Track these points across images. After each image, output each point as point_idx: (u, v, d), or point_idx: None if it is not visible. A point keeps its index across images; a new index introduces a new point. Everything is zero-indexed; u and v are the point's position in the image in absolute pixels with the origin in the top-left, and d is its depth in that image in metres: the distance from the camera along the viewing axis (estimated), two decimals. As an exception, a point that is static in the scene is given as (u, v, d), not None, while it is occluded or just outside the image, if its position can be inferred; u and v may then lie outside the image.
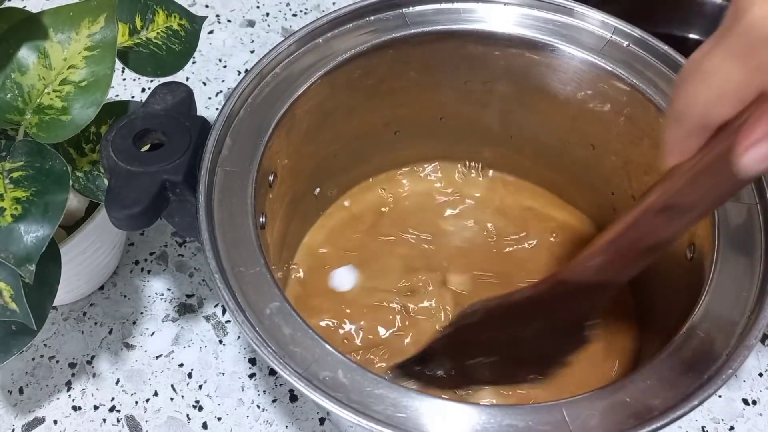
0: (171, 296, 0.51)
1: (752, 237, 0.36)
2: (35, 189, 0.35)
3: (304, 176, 0.45)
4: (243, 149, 0.38)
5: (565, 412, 0.31)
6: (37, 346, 0.49)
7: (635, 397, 0.31)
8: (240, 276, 0.34)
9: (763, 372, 0.49)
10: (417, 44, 0.43)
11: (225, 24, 0.66)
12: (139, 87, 0.62)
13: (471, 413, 0.31)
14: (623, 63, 0.41)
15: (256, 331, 0.32)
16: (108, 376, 0.48)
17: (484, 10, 0.43)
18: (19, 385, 0.47)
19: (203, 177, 0.36)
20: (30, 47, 0.38)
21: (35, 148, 0.37)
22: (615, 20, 0.42)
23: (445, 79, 0.46)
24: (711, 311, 0.34)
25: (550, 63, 0.43)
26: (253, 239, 0.35)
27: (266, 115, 0.39)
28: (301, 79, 0.41)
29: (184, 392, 0.47)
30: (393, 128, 0.49)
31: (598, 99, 0.43)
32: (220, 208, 0.36)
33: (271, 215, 0.41)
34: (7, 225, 0.34)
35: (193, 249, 0.53)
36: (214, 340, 0.49)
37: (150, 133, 0.37)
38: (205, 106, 0.61)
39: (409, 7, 0.43)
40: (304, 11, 0.68)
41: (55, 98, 0.38)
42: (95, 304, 0.51)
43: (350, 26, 0.42)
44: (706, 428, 0.47)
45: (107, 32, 0.38)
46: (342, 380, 0.31)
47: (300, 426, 0.46)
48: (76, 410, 0.47)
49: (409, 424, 0.30)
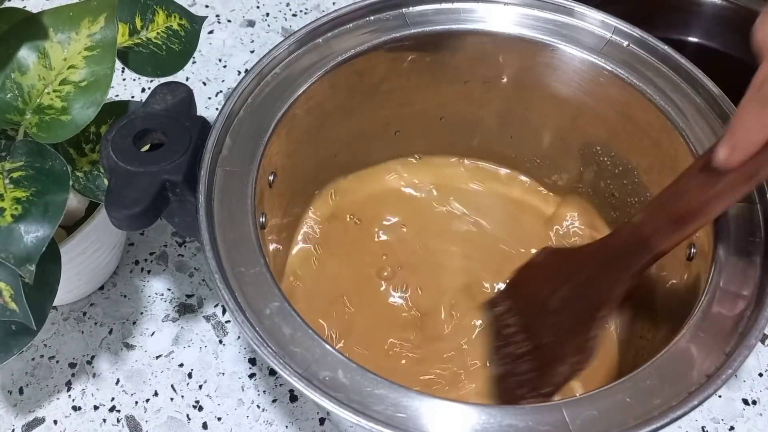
0: (171, 296, 0.51)
1: (752, 237, 0.36)
2: (35, 189, 0.35)
3: (304, 176, 0.45)
4: (243, 149, 0.38)
5: (565, 412, 0.31)
6: (37, 346, 0.49)
7: (635, 397, 0.31)
8: (240, 276, 0.34)
9: (763, 372, 0.49)
10: (417, 44, 0.43)
11: (225, 24, 0.66)
12: (139, 87, 0.62)
13: (471, 413, 0.31)
14: (623, 63, 0.41)
15: (256, 331, 0.32)
16: (108, 376, 0.48)
17: (484, 10, 0.43)
18: (19, 385, 0.47)
19: (203, 177, 0.36)
20: (30, 47, 0.38)
21: (35, 148, 0.37)
22: (615, 20, 0.42)
23: (445, 79, 0.46)
24: (711, 311, 0.34)
25: (550, 63, 0.43)
26: (253, 239, 0.35)
27: (266, 115, 0.39)
28: (301, 79, 0.41)
29: (184, 392, 0.47)
30: (393, 128, 0.49)
31: (598, 99, 0.43)
32: (220, 208, 0.36)
33: (271, 215, 0.41)
34: (7, 225, 0.34)
35: (193, 249, 0.53)
36: (214, 340, 0.49)
37: (150, 133, 0.37)
38: (205, 106, 0.61)
39: (409, 7, 0.43)
40: (304, 11, 0.68)
41: (55, 98, 0.38)
42: (95, 304, 0.51)
43: (350, 26, 0.42)
44: (706, 428, 0.47)
45: (107, 32, 0.38)
46: (342, 380, 0.31)
47: (300, 426, 0.46)
48: (76, 410, 0.47)
49: (409, 424, 0.30)
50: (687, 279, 0.39)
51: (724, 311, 0.34)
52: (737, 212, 0.36)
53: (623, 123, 0.43)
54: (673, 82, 0.41)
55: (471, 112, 0.48)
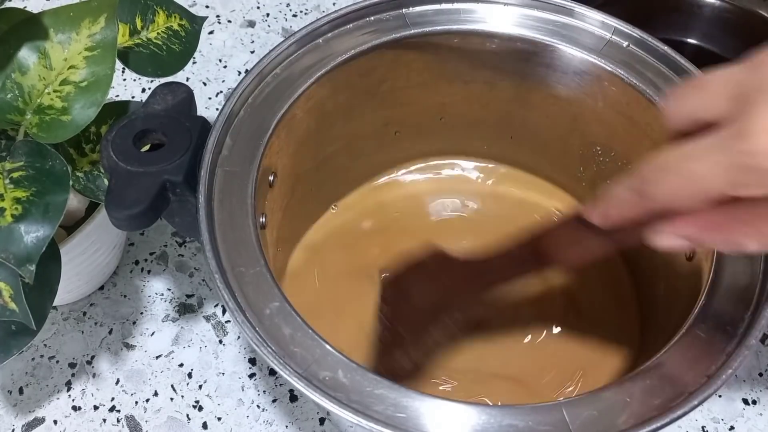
0: (171, 296, 0.51)
1: (752, 237, 0.36)
2: (35, 189, 0.35)
3: (304, 176, 0.45)
4: (243, 149, 0.38)
5: (565, 412, 0.31)
6: (37, 346, 0.49)
7: (635, 397, 0.31)
8: (240, 276, 0.34)
9: (763, 372, 0.49)
10: (417, 44, 0.43)
11: (225, 24, 0.67)
12: (139, 87, 0.62)
13: (471, 413, 0.31)
14: (623, 63, 0.41)
15: (256, 331, 0.32)
16: (108, 376, 0.48)
17: (484, 10, 0.43)
18: (19, 385, 0.47)
19: (203, 177, 0.36)
20: (30, 47, 0.38)
21: (35, 148, 0.37)
22: (615, 21, 0.42)
23: (445, 79, 0.46)
24: (711, 311, 0.34)
25: (550, 63, 0.43)
26: (253, 239, 0.35)
27: (266, 115, 0.39)
28: (301, 80, 0.41)
29: (184, 392, 0.47)
30: (393, 128, 0.49)
31: (598, 99, 0.43)
32: (220, 208, 0.36)
33: (271, 215, 0.41)
34: (7, 225, 0.34)
35: (193, 249, 0.53)
36: (214, 340, 0.49)
37: (150, 133, 0.37)
38: (205, 107, 0.61)
39: (409, 7, 0.43)
40: (304, 11, 0.68)
41: (55, 98, 0.38)
42: (95, 304, 0.51)
43: (350, 26, 0.42)
44: (706, 428, 0.47)
45: (107, 32, 0.38)
46: (342, 380, 0.31)
47: (300, 426, 0.46)
48: (76, 410, 0.47)
49: (409, 424, 0.30)
50: (687, 278, 0.39)
51: (724, 311, 0.34)
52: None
53: (623, 123, 0.43)
54: (673, 82, 0.41)
55: (471, 112, 0.48)
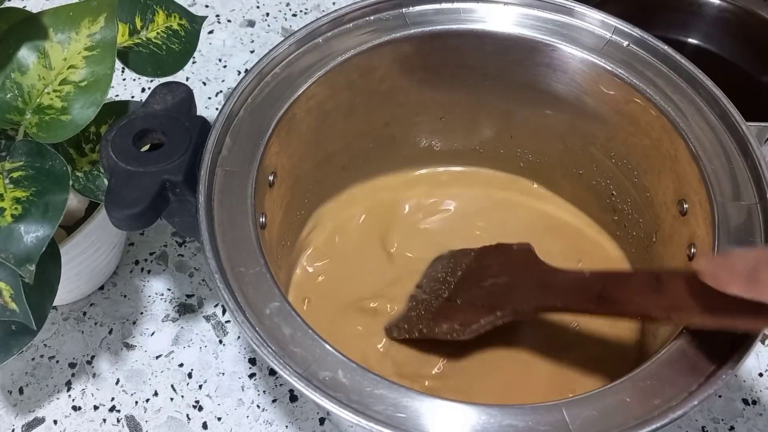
0: (171, 296, 0.51)
1: (752, 237, 0.36)
2: (35, 189, 0.35)
3: (304, 176, 0.45)
4: (243, 149, 0.38)
5: (565, 412, 0.31)
6: (37, 346, 0.49)
7: (635, 397, 0.31)
8: (240, 276, 0.34)
9: (763, 372, 0.49)
10: (417, 44, 0.43)
11: (225, 24, 0.67)
12: (139, 87, 0.62)
13: (471, 413, 0.31)
14: (623, 63, 0.41)
15: (256, 331, 0.32)
16: (108, 376, 0.48)
17: (484, 10, 0.43)
18: (19, 385, 0.47)
19: (203, 177, 0.36)
20: (30, 47, 0.38)
21: (35, 148, 0.37)
22: (615, 20, 0.42)
23: (445, 79, 0.46)
24: (711, 311, 0.34)
25: (550, 63, 0.43)
26: (253, 239, 0.35)
27: (266, 115, 0.39)
28: (301, 79, 0.41)
29: (184, 392, 0.47)
30: (393, 128, 0.49)
31: (598, 99, 0.43)
32: (220, 208, 0.36)
33: (271, 215, 0.41)
34: (7, 225, 0.34)
35: (193, 249, 0.53)
36: (214, 340, 0.49)
37: (150, 133, 0.37)
38: (205, 106, 0.61)
39: (409, 7, 0.43)
40: (304, 11, 0.68)
41: (55, 98, 0.38)
42: (95, 304, 0.51)
43: (350, 26, 0.42)
44: (706, 428, 0.47)
45: (107, 32, 0.38)
46: (342, 380, 0.31)
47: (300, 426, 0.46)
48: (76, 410, 0.47)
49: (409, 424, 0.30)
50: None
51: (724, 311, 0.34)
52: (737, 212, 0.36)
53: (623, 123, 0.43)
54: (673, 82, 0.41)
55: (471, 111, 0.48)
